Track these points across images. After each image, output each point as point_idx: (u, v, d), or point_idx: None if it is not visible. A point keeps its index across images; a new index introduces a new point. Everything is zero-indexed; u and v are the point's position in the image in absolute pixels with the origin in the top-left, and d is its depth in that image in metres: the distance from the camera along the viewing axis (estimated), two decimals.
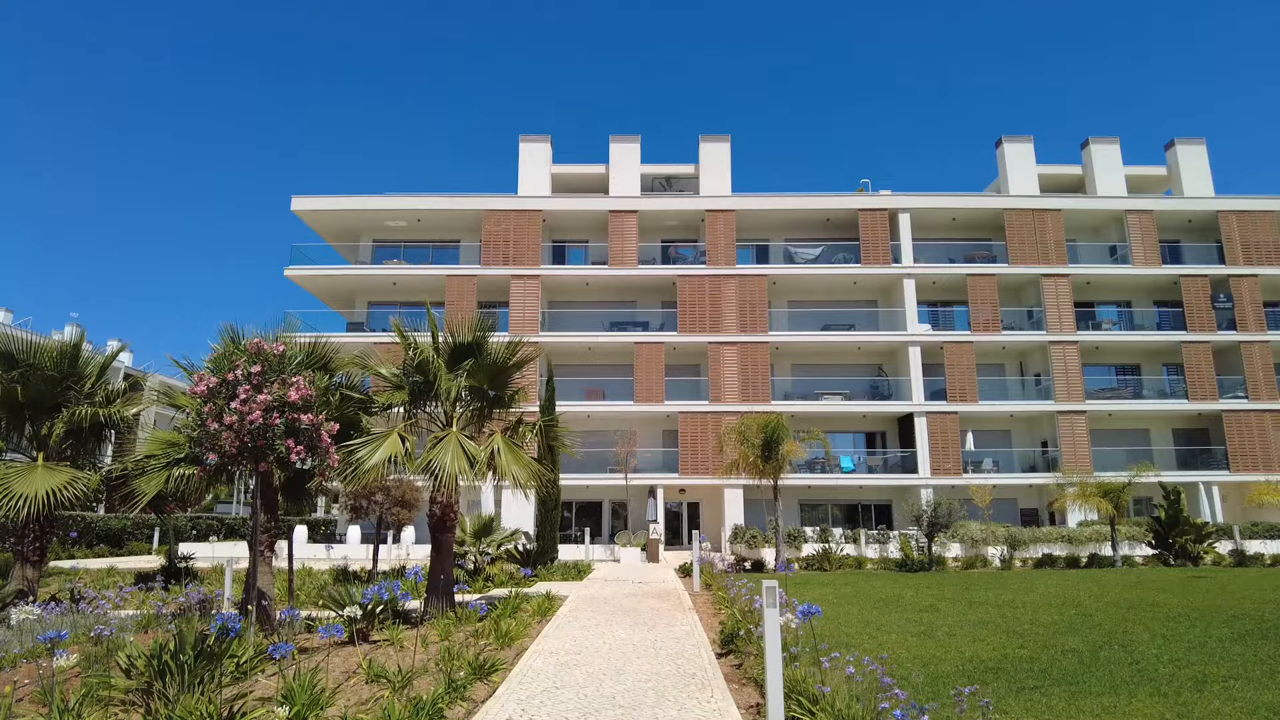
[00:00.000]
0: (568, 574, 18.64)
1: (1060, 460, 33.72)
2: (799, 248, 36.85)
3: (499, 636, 9.85)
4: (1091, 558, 21.46)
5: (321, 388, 9.99)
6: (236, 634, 7.14)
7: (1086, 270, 35.84)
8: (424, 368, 12.64)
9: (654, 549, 25.68)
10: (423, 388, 12.97)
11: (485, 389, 13.10)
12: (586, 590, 16.31)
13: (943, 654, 8.72)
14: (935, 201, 36.47)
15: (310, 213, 36.59)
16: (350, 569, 20.58)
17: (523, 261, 35.03)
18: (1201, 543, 21.21)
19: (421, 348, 12.68)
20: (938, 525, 20.52)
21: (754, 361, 34.24)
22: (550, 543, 20.44)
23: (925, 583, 17.10)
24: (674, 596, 14.85)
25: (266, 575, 11.85)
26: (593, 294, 36.96)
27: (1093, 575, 18.76)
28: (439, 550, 12.81)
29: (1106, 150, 38.46)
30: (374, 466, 11.57)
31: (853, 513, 35.76)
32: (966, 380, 34.41)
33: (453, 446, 11.94)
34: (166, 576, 19.12)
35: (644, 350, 34.14)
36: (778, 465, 20.09)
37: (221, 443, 8.69)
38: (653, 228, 37.20)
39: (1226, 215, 36.56)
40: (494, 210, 35.58)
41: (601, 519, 35.37)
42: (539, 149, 37.79)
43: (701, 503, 35.17)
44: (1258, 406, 34.44)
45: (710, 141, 37.93)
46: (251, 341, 9.39)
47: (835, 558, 21.03)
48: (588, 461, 33.16)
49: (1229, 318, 35.71)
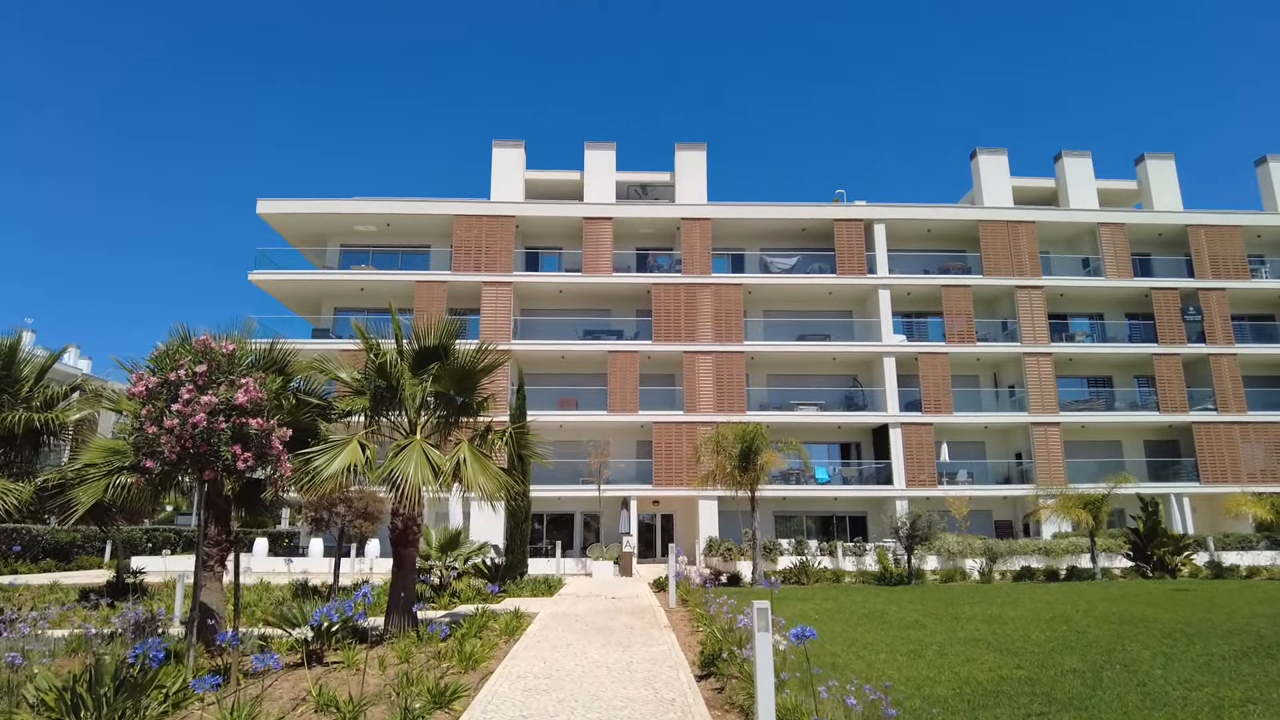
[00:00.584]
0: (538, 589, 17.93)
1: (1034, 472, 33.67)
2: (775, 257, 36.59)
3: (463, 659, 9.19)
4: (1070, 570, 21.23)
5: (274, 390, 9.27)
6: (160, 662, 6.40)
7: (1060, 282, 35.99)
8: (386, 372, 11.96)
9: (627, 562, 25.03)
10: (385, 393, 12.29)
11: (452, 395, 12.44)
12: (557, 607, 15.63)
13: (936, 675, 8.22)
14: (910, 213, 36.45)
15: (276, 216, 35.61)
16: (310, 583, 19.71)
17: (494, 268, 34.34)
18: (1179, 555, 21.08)
19: (384, 351, 12.00)
20: (917, 538, 20.15)
21: (729, 371, 33.82)
22: (520, 556, 19.72)
23: (907, 597, 16.67)
24: (649, 613, 14.23)
25: (214, 592, 11.09)
26: (566, 301, 36.35)
27: (1074, 588, 18.48)
28: (400, 565, 12.10)
29: (1079, 164, 38.77)
30: (332, 476, 10.85)
31: (827, 524, 35.40)
32: (941, 391, 34.29)
33: (416, 455, 11.27)
34: (113, 593, 18.13)
35: (618, 359, 33.57)
36: (755, 476, 19.58)
37: (160, 448, 7.96)
38: (628, 235, 36.73)
39: (1195, 230, 36.96)
40: (466, 215, 34.88)
41: (573, 532, 34.64)
42: (512, 154, 37.19)
43: (675, 515, 34.58)
44: (1226, 419, 34.71)
45: (686, 149, 37.61)
46: (199, 339, 8.67)
47: (813, 571, 20.55)
48: (559, 472, 32.46)
49: (1198, 330, 36.02)
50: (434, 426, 12.79)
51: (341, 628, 10.78)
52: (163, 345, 8.60)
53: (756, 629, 5.18)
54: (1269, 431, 34.83)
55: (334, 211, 35.19)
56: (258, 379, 8.77)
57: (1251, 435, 34.71)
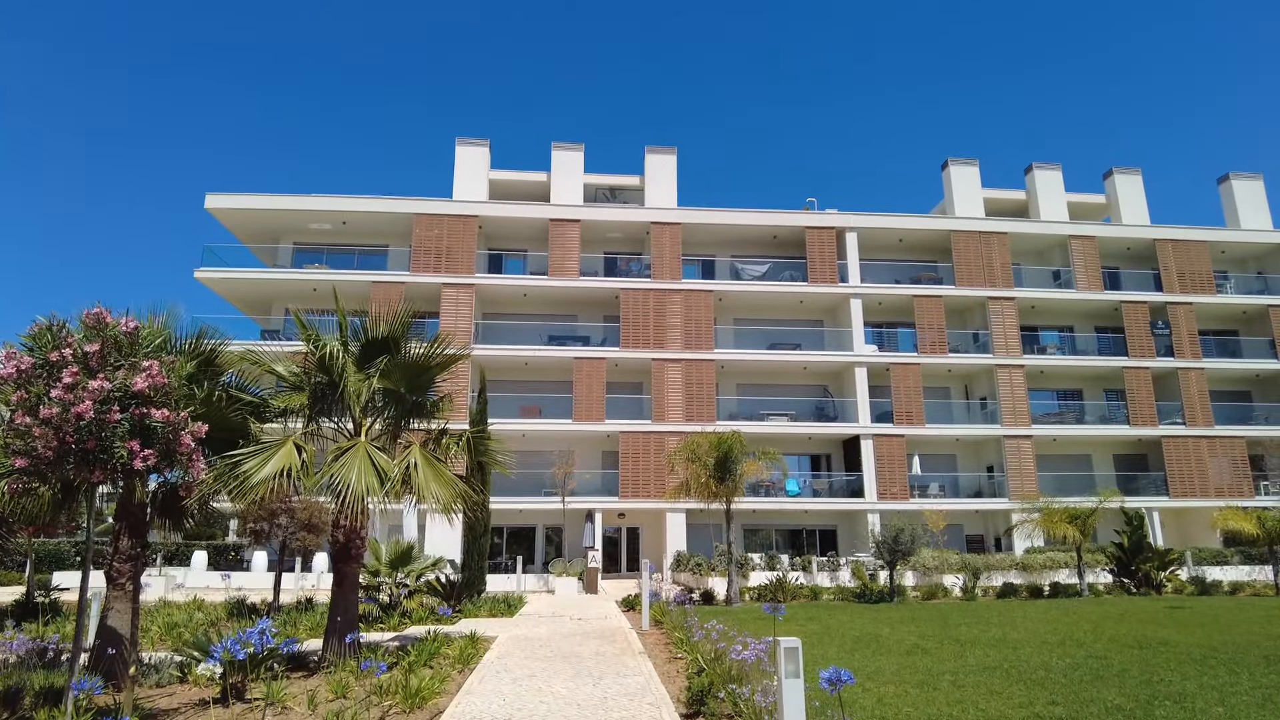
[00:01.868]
0: (496, 609, 16.51)
1: (1007, 485, 33.14)
2: (746, 264, 35.70)
3: (408, 695, 7.82)
4: (1053, 586, 20.43)
5: (183, 375, 7.85)
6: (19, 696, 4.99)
7: (1032, 294, 35.67)
8: (328, 365, 10.57)
9: (592, 579, 23.66)
10: (327, 390, 10.90)
11: (403, 393, 11.08)
12: (518, 629, 14.23)
13: (961, 714, 7.10)
14: (882, 221, 35.88)
15: (225, 211, 33.74)
16: (249, 601, 18.04)
17: (456, 269, 32.87)
18: (1164, 570, 20.44)
19: (326, 341, 10.61)
20: (899, 552, 19.16)
21: (699, 380, 32.75)
22: (478, 573, 18.25)
23: (894, 616, 15.59)
24: (620, 636, 12.90)
25: (123, 614, 9.61)
26: (531, 306, 35.00)
27: (1065, 606, 17.58)
28: (341, 584, 10.68)
29: (1049, 176, 38.67)
30: (263, 481, 9.44)
31: (797, 538, 34.44)
32: (913, 403, 33.63)
33: (359, 460, 9.89)
34: (21, 614, 16.28)
35: (584, 366, 32.30)
36: (733, 487, 18.42)
37: (33, 443, 6.51)
38: (596, 239, 35.56)
39: (1163, 244, 36.99)
40: (426, 214, 33.39)
41: (535, 546, 33.15)
42: (476, 153, 35.85)
43: (642, 528, 33.31)
44: (1194, 432, 34.60)
45: (656, 153, 36.64)
46: (90, 312, 7.22)
47: (789, 587, 19.43)
48: (521, 483, 30.96)
49: (1166, 344, 35.97)
50: (383, 429, 11.42)
51: (269, 657, 9.35)
52: (44, 319, 7.12)
53: (784, 674, 3.99)
54: (1235, 446, 34.79)
55: (287, 208, 33.44)
56: (165, 363, 7.35)
57: (1219, 449, 34.63)
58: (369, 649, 10.91)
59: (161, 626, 15.10)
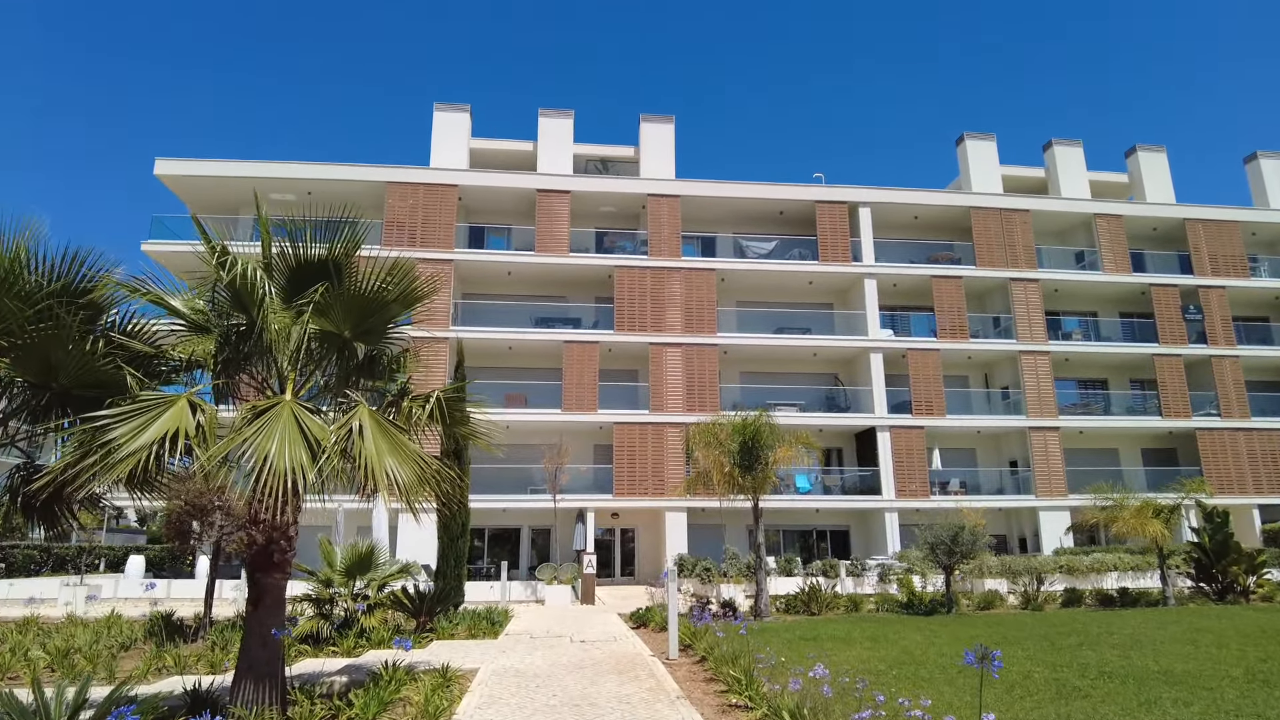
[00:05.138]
0: (477, 626, 13.46)
1: (1033, 481, 30.55)
2: (751, 241, 32.82)
3: None
4: (1121, 593, 17.71)
5: None
6: None
7: (1056, 276, 33.13)
8: (242, 296, 7.56)
9: (589, 587, 20.68)
10: (243, 333, 7.90)
11: (347, 338, 8.08)
12: (506, 657, 11.16)
13: None
14: (898, 196, 33.16)
15: (178, 179, 30.45)
16: (178, 615, 14.94)
17: (433, 244, 29.75)
18: (1254, 574, 17.82)
19: (239, 260, 7.58)
20: (957, 554, 16.36)
21: (701, 366, 29.86)
22: (454, 581, 15.20)
23: (969, 633, 12.62)
24: (642, 668, 9.86)
25: None
26: (516, 285, 31.92)
27: (1168, 619, 14.40)
28: (259, 602, 7.66)
29: (1070, 153, 36.21)
30: (135, 453, 6.43)
31: (806, 540, 31.64)
32: (933, 392, 30.93)
33: (284, 424, 6.90)
34: None
35: (574, 351, 29.30)
36: (762, 478, 15.47)
37: None
38: (587, 214, 32.56)
39: (1194, 224, 34.60)
40: (401, 183, 30.25)
41: (520, 550, 30.09)
42: (456, 119, 32.76)
43: (638, 529, 30.37)
44: (1230, 425, 32.19)
45: (652, 122, 33.75)
46: None
47: (824, 597, 16.57)
48: (505, 480, 28.00)
49: (1199, 330, 33.56)
50: (324, 388, 8.42)
51: None
52: None
53: None
54: (1273, 439, 32.42)
55: (246, 175, 30.14)
56: None
57: (1256, 443, 32.24)
58: (304, 690, 7.91)
59: (53, 652, 12.01)
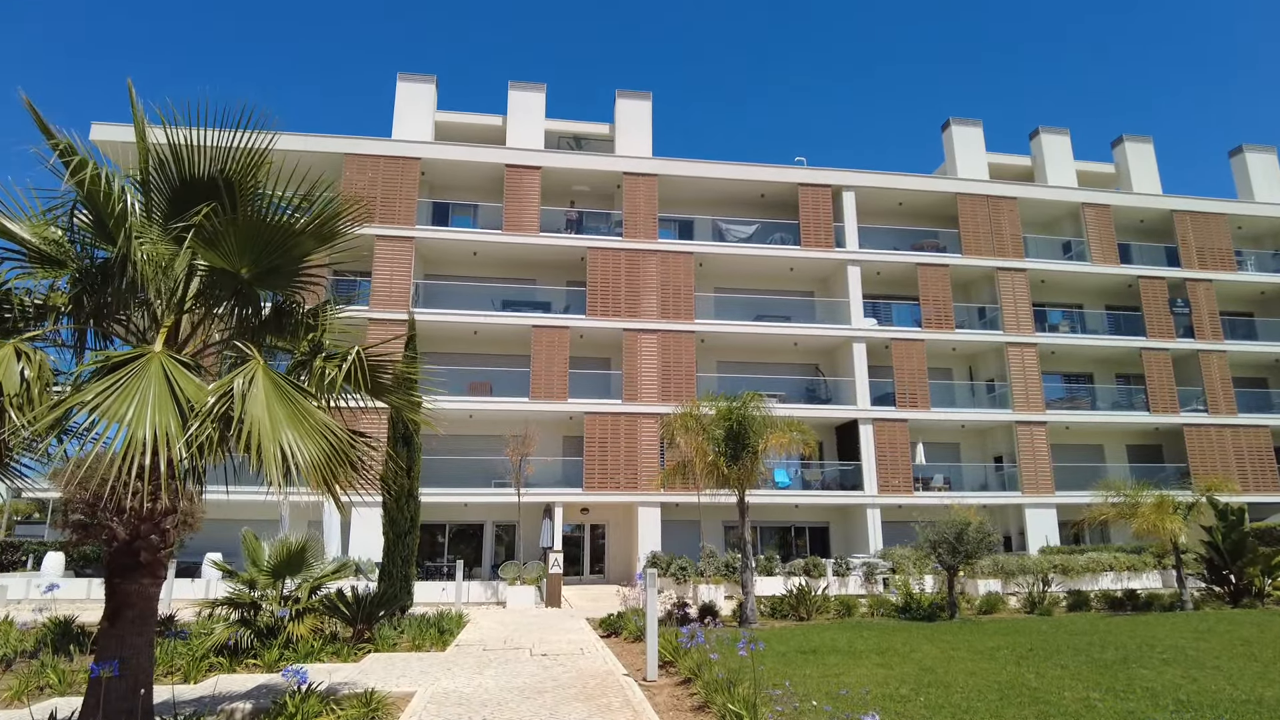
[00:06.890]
0: (424, 635, 11.74)
1: (1019, 477, 29.46)
2: (731, 225, 31.33)
3: None
4: (1129, 595, 16.48)
5: None
6: None
7: (1044, 266, 32.06)
8: (101, 214, 5.83)
9: (554, 588, 19.01)
10: (107, 268, 6.15)
11: (245, 278, 6.37)
12: (450, 677, 9.42)
13: None
14: (883, 181, 31.86)
15: (116, 145, 28.03)
16: (79, 620, 13.05)
17: (393, 219, 27.84)
18: (1269, 576, 16.70)
19: (100, 171, 5.83)
20: (962, 554, 15.01)
21: (677, 354, 28.31)
22: (400, 582, 13.45)
23: (986, 643, 11.13)
24: (614, 694, 8.14)
25: None
26: (482, 266, 30.09)
27: (1189, 624, 13.08)
28: (118, 617, 6.01)
29: (1057, 141, 35.22)
30: None
31: (785, 536, 30.28)
32: (917, 384, 29.69)
33: (150, 380, 5.20)
34: None
35: (543, 336, 27.59)
36: (750, 467, 13.92)
37: None
38: (559, 192, 30.85)
39: (1181, 216, 33.79)
40: (358, 155, 28.26)
41: (483, 547, 28.33)
42: (420, 90, 30.82)
43: (608, 525, 28.77)
44: (1217, 421, 31.39)
45: (629, 98, 32.11)
46: None
47: (814, 599, 15.10)
48: (467, 473, 26.24)
49: (1186, 324, 32.75)
50: (212, 340, 6.69)
51: None
52: None
53: None
54: (1258, 436, 31.70)
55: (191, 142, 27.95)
56: None
57: (1242, 440, 31.49)
58: None
59: None
